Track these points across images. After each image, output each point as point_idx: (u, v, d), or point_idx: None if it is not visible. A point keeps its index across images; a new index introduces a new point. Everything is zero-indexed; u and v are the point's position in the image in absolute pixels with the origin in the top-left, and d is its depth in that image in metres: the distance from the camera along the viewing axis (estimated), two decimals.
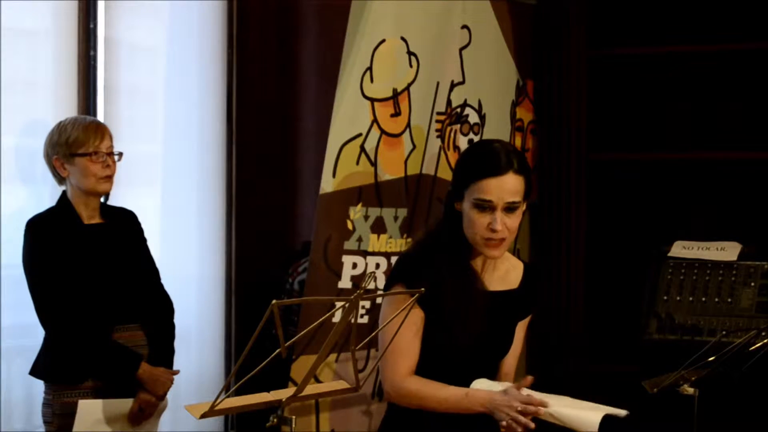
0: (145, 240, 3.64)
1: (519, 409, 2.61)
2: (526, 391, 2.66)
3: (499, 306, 2.79)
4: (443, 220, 2.80)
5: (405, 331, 2.63)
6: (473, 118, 4.32)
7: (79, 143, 3.41)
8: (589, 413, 2.65)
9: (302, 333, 2.73)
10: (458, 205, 2.73)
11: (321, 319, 2.49)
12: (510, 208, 2.65)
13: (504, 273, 2.84)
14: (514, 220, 2.67)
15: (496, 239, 2.66)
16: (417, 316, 2.69)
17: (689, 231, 4.53)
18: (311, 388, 2.59)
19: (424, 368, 2.75)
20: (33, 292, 3.37)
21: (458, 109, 4.25)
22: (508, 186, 2.64)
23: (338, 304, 2.45)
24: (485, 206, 2.64)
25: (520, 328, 2.89)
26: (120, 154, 3.52)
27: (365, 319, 3.81)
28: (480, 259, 2.78)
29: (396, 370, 2.71)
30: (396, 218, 3.98)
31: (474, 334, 2.72)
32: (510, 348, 2.87)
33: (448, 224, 2.76)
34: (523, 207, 2.71)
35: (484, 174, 2.64)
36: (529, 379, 2.69)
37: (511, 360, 2.90)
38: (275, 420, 2.40)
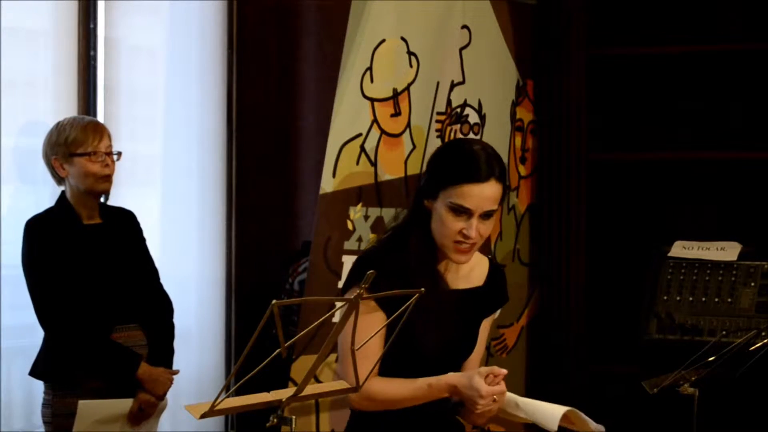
0: (144, 240, 3.64)
1: (484, 394, 2.52)
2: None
3: (463, 305, 2.72)
4: (410, 217, 2.70)
5: (366, 333, 2.47)
6: (473, 118, 4.32)
7: (77, 143, 3.41)
8: (553, 408, 2.63)
9: (302, 333, 2.72)
10: (429, 203, 2.63)
11: (321, 319, 2.48)
12: (486, 215, 2.58)
13: (468, 270, 2.75)
14: (488, 227, 2.60)
15: (467, 245, 2.58)
16: (378, 318, 2.57)
17: (689, 231, 4.53)
18: (311, 388, 2.58)
19: (389, 372, 2.66)
20: (32, 292, 3.37)
21: (458, 109, 4.25)
22: (487, 193, 2.56)
23: (338, 304, 2.44)
24: (461, 212, 2.56)
25: (485, 326, 2.80)
26: (119, 154, 3.52)
27: None
28: (439, 257, 2.69)
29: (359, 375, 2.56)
30: (396, 218, 3.98)
31: (441, 336, 2.66)
32: (474, 347, 2.79)
33: (415, 222, 2.67)
34: (498, 212, 2.65)
35: (465, 179, 2.55)
36: (504, 371, 2.59)
37: (475, 358, 2.80)
38: (275, 420, 2.39)
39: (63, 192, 3.48)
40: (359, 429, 2.76)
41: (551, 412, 2.62)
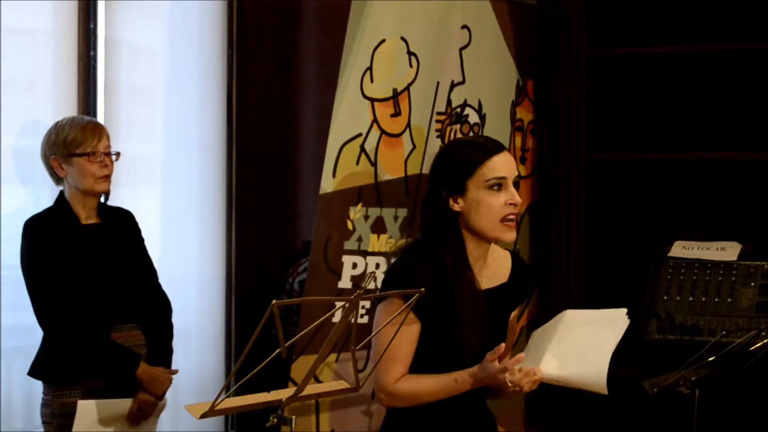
0: (142, 240, 3.64)
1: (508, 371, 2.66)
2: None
3: (494, 303, 2.81)
4: (438, 222, 2.76)
5: (399, 339, 2.63)
6: (473, 118, 4.32)
7: (76, 143, 3.41)
8: (594, 365, 2.66)
9: (302, 333, 2.73)
10: (459, 202, 2.74)
11: (321, 319, 2.49)
12: (516, 183, 2.76)
13: (494, 269, 2.85)
14: (519, 197, 2.78)
15: (514, 215, 2.74)
16: (412, 326, 2.70)
17: (689, 231, 4.53)
18: (311, 388, 2.59)
19: (427, 372, 2.75)
20: (31, 292, 3.37)
21: (458, 109, 4.25)
22: (511, 161, 2.77)
23: (338, 304, 2.45)
24: (500, 184, 2.72)
25: (513, 317, 2.94)
26: (117, 154, 3.52)
27: (365, 319, 3.81)
28: (470, 260, 2.78)
29: (389, 376, 2.72)
30: (396, 218, 3.99)
31: (479, 337, 2.74)
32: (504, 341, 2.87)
33: (445, 228, 2.75)
34: None
35: (488, 154, 2.73)
36: (521, 356, 2.70)
37: (507, 346, 2.89)
38: (275, 420, 2.40)
39: (61, 192, 3.48)
40: (396, 422, 2.83)
41: (596, 378, 2.64)
